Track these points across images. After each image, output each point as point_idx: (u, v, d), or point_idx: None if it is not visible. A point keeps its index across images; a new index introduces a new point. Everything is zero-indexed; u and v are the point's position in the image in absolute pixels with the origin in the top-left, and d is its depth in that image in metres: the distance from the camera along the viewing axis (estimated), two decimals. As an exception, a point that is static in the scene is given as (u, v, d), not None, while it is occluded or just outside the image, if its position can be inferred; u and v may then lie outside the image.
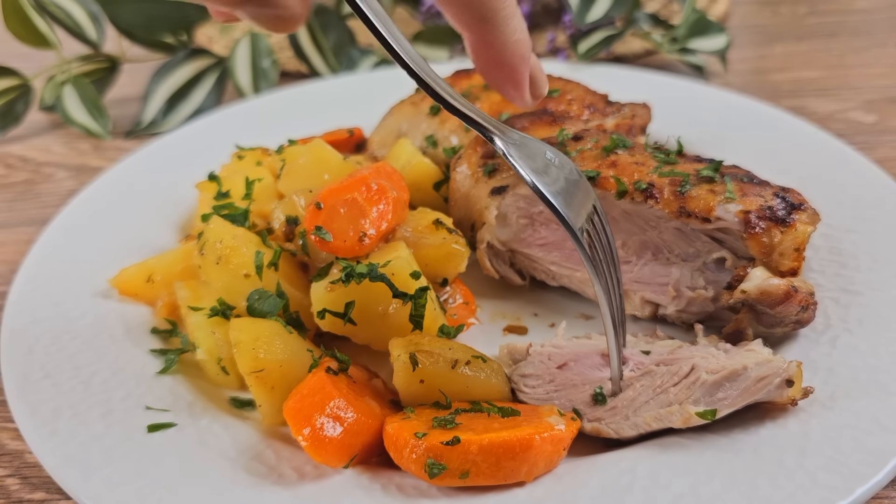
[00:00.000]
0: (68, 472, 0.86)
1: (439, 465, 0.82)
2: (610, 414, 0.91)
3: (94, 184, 1.34)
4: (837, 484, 0.80)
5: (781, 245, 0.97)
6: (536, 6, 1.99)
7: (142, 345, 1.05)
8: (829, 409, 0.89)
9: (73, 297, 1.11)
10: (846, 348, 0.96)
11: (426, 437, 0.83)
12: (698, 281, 1.04)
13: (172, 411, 0.95)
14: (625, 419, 0.90)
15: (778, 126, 1.37)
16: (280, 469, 0.88)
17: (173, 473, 0.87)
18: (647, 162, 1.07)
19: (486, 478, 0.83)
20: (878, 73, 1.75)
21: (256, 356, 0.93)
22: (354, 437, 0.86)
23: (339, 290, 0.98)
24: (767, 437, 0.86)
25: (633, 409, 0.91)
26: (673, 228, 1.03)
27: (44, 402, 0.94)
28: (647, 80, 1.54)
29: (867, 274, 1.07)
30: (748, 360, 0.90)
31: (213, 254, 1.04)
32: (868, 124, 1.57)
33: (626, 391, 0.93)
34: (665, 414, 0.88)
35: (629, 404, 0.91)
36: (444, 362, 0.93)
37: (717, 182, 1.02)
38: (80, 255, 1.19)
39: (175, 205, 1.31)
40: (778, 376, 0.86)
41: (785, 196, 1.00)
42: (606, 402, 0.92)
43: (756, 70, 1.82)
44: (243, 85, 1.73)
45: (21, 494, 0.94)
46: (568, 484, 0.84)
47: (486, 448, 0.82)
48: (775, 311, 0.96)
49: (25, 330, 1.05)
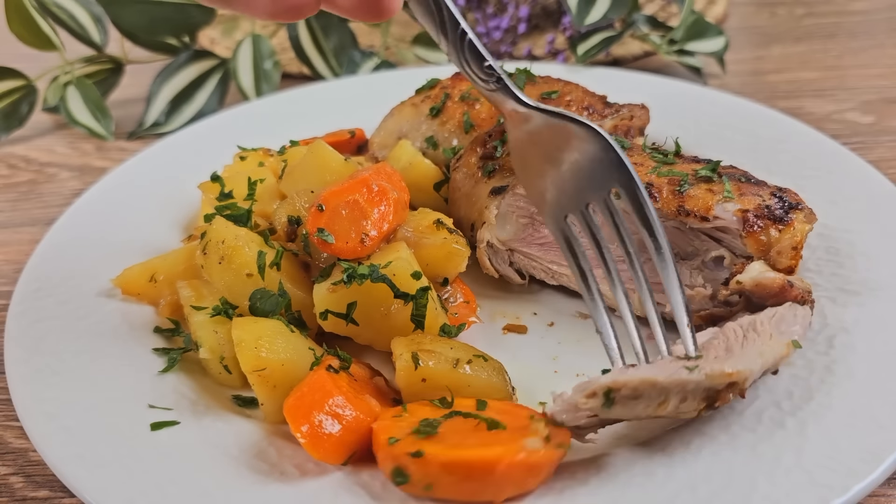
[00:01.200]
0: (72, 469, 0.87)
1: (404, 474, 0.82)
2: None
3: (97, 184, 1.35)
4: (834, 482, 0.80)
5: (779, 243, 0.98)
6: (535, 8, 2.00)
7: (145, 344, 1.06)
8: (826, 408, 0.89)
9: (76, 297, 1.12)
10: (843, 347, 0.97)
11: (396, 445, 0.82)
12: (697, 279, 1.04)
13: (175, 410, 0.96)
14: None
15: (775, 127, 1.38)
16: (282, 466, 0.88)
17: (176, 471, 0.87)
18: (645, 162, 1.08)
19: (451, 493, 0.81)
20: (876, 74, 1.75)
21: (258, 355, 0.94)
22: (353, 434, 0.87)
23: (341, 291, 0.98)
24: (765, 435, 0.87)
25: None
26: (671, 227, 1.04)
27: (48, 401, 0.95)
28: (645, 82, 1.54)
29: (864, 274, 1.07)
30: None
31: (215, 254, 1.05)
32: (865, 125, 1.57)
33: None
34: (769, 348, 0.86)
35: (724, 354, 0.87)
36: (446, 361, 0.94)
37: (714, 182, 1.03)
38: (84, 255, 1.19)
39: (178, 205, 1.32)
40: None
41: (782, 195, 1.01)
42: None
43: (753, 71, 1.83)
44: (246, 87, 1.74)
45: (25, 492, 0.94)
46: (565, 481, 0.85)
47: (447, 466, 0.80)
48: (770, 304, 0.96)
49: (29, 329, 1.06)
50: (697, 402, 0.83)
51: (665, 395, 0.83)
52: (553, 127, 0.94)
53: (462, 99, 1.29)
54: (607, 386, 0.82)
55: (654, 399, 0.83)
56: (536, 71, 1.38)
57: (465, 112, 1.27)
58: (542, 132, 0.95)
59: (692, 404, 0.83)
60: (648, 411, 0.83)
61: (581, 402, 0.83)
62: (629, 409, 0.83)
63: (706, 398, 0.83)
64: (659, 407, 0.83)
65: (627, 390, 0.82)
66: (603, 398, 0.82)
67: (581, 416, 0.84)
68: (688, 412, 0.84)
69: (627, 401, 0.82)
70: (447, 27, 0.93)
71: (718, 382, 0.82)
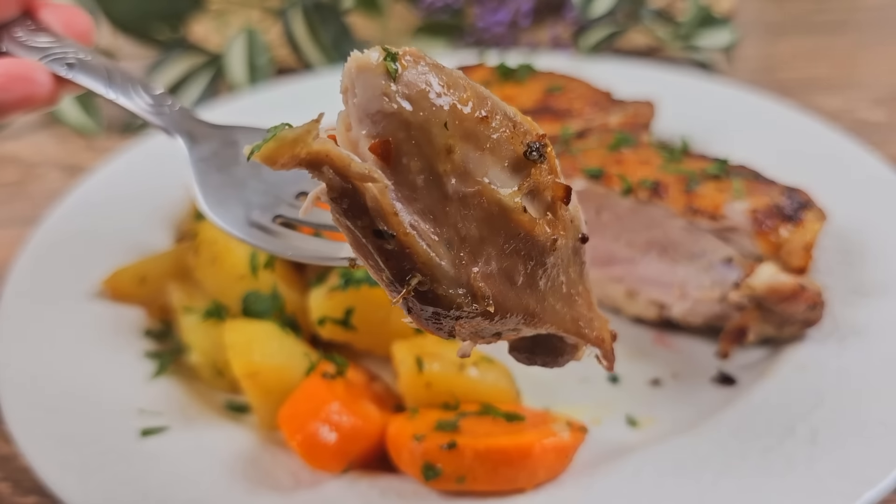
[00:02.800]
0: (60, 476, 0.85)
1: (435, 468, 0.81)
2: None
3: (86, 183, 1.32)
4: (846, 489, 0.79)
5: (790, 243, 0.96)
6: (540, 2, 1.97)
7: (135, 347, 1.04)
8: (837, 413, 0.88)
9: (65, 299, 1.10)
10: (854, 350, 0.95)
11: (424, 440, 0.82)
12: (704, 280, 1.03)
13: (166, 415, 0.94)
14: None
15: (785, 122, 1.36)
16: (275, 474, 0.87)
17: (166, 478, 0.86)
18: (652, 159, 1.06)
19: (483, 484, 0.82)
20: (888, 70, 1.74)
21: (251, 359, 0.92)
22: (351, 442, 0.85)
23: (339, 296, 0.96)
24: (775, 441, 0.86)
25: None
26: (679, 227, 1.02)
27: (35, 406, 0.93)
28: (651, 76, 1.52)
29: (876, 274, 1.05)
30: None
31: (207, 254, 1.03)
32: (877, 122, 1.55)
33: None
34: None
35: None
36: (451, 364, 0.92)
37: (723, 180, 1.01)
38: (73, 256, 1.17)
39: (169, 204, 1.30)
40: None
41: (792, 195, 1.00)
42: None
43: (763, 66, 1.81)
44: (238, 82, 1.72)
45: (14, 499, 0.93)
46: (571, 489, 0.83)
47: (482, 454, 0.80)
48: (782, 308, 0.95)
49: (17, 331, 1.04)
50: (505, 122, 0.58)
51: (464, 79, 0.57)
52: (228, 140, 0.80)
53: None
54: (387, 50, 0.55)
55: (452, 75, 0.57)
56: (540, 64, 1.36)
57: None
58: (219, 152, 0.80)
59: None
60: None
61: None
62: (427, 74, 0.55)
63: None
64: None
65: (413, 48, 0.56)
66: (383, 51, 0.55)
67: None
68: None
69: (419, 61, 0.55)
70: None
71: (520, 117, 0.60)
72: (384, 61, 0.54)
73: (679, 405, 0.96)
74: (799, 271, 0.97)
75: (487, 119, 0.57)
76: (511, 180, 0.59)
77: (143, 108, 0.80)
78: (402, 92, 0.55)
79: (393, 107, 0.55)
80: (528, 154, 0.59)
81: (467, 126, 0.56)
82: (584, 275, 0.68)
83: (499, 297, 0.59)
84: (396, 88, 0.54)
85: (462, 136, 0.56)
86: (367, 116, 0.55)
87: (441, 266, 0.56)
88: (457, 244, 0.57)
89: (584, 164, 1.05)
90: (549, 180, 0.61)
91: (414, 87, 0.55)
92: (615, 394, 0.99)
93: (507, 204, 0.58)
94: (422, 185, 0.56)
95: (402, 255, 0.55)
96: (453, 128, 0.56)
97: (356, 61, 0.55)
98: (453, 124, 0.56)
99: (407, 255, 0.55)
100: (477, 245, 0.58)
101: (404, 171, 0.55)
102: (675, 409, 0.96)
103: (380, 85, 0.54)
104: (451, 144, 0.56)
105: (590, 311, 0.69)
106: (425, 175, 0.56)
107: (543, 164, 0.60)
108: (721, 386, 0.98)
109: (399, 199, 0.55)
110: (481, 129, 0.57)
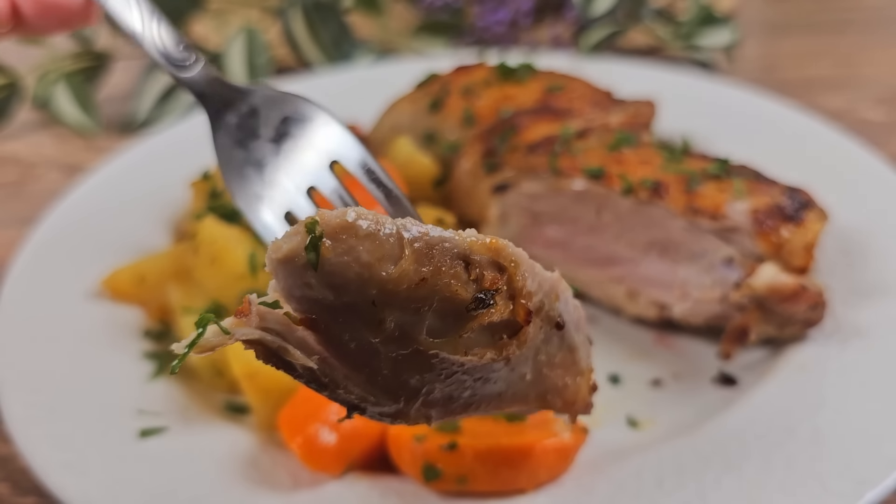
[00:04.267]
0: (58, 477, 0.85)
1: (436, 469, 0.81)
2: None
3: (85, 183, 1.32)
4: (847, 489, 0.79)
5: (791, 243, 0.96)
6: (540, 1, 1.97)
7: (134, 347, 1.04)
8: (838, 414, 0.88)
9: (64, 299, 1.10)
10: (856, 350, 0.95)
11: (425, 441, 0.82)
12: (705, 281, 1.02)
13: (165, 415, 0.94)
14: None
15: (785, 122, 1.36)
16: (275, 475, 0.87)
17: (166, 479, 0.85)
18: (652, 159, 1.05)
19: (484, 484, 0.82)
20: (890, 70, 1.73)
21: (251, 359, 0.90)
22: (350, 444, 0.85)
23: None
24: (777, 443, 0.85)
25: None
26: (679, 227, 1.02)
27: (34, 406, 0.93)
28: (652, 75, 1.52)
29: (878, 275, 1.05)
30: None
31: (206, 254, 1.03)
32: (879, 121, 1.55)
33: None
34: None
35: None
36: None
37: (724, 180, 1.01)
38: (72, 256, 1.17)
39: (168, 204, 1.29)
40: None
41: (794, 194, 0.99)
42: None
43: (764, 66, 1.81)
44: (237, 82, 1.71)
45: (13, 499, 0.93)
46: (572, 490, 0.83)
47: (483, 454, 0.80)
48: (783, 308, 0.95)
49: (15, 332, 1.03)
50: (453, 269, 0.56)
51: (399, 241, 0.55)
52: (271, 103, 0.79)
53: (463, 93, 1.26)
54: (309, 219, 0.54)
55: (385, 243, 0.54)
56: (540, 63, 1.35)
57: (466, 107, 1.24)
58: (241, 124, 0.80)
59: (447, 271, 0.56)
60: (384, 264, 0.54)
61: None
62: (351, 256, 0.53)
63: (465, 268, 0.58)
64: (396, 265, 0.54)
65: (338, 221, 0.53)
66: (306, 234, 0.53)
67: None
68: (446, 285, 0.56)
69: (344, 240, 0.53)
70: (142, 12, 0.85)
71: (476, 250, 0.58)
72: (304, 252, 0.52)
73: (680, 406, 0.96)
74: (800, 271, 0.97)
75: (426, 281, 0.55)
76: (455, 325, 0.58)
77: (167, 59, 0.81)
78: (323, 282, 0.53)
79: (316, 295, 0.54)
80: (475, 308, 0.57)
81: (401, 296, 0.55)
82: (564, 345, 0.68)
83: (442, 413, 0.62)
84: (317, 280, 0.53)
85: (395, 306, 0.55)
86: (293, 298, 0.55)
87: (378, 404, 0.59)
88: (394, 390, 0.59)
89: (584, 163, 1.05)
90: (505, 312, 0.59)
91: (336, 275, 0.53)
92: (616, 394, 0.98)
93: (448, 355, 0.58)
94: (354, 350, 0.56)
95: (335, 399, 0.59)
96: (383, 303, 0.55)
97: (276, 252, 0.54)
98: (383, 300, 0.54)
99: (340, 400, 0.59)
100: (417, 386, 0.59)
101: (335, 340, 0.56)
102: (676, 410, 0.95)
103: (301, 275, 0.53)
104: (381, 318, 0.55)
105: (566, 376, 0.68)
106: (356, 343, 0.56)
107: (493, 308, 0.58)
108: (722, 386, 0.98)
109: (330, 358, 0.56)
110: (420, 292, 0.55)
